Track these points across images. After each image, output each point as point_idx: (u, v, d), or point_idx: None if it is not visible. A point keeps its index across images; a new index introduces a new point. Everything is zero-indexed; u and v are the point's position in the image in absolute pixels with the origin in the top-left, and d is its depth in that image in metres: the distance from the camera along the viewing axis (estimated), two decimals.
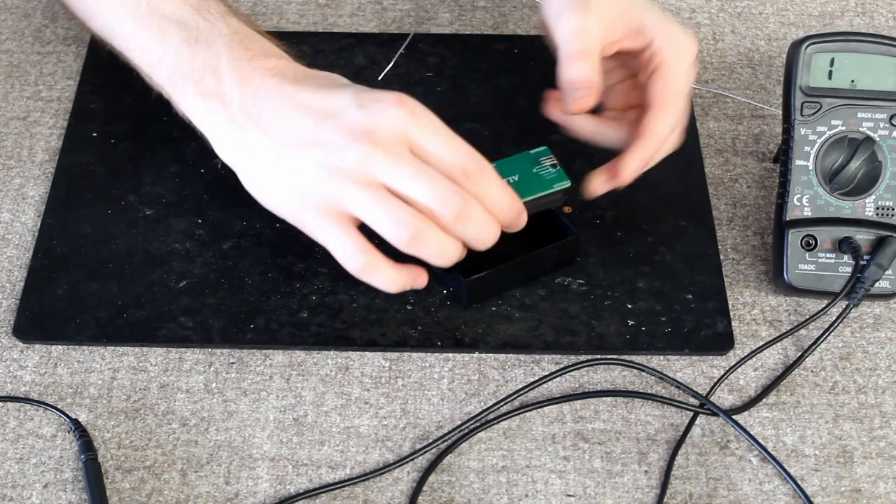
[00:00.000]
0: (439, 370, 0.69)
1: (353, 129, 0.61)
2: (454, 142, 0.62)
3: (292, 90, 0.64)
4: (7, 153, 0.79)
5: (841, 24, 0.88)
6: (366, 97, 0.62)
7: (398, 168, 0.61)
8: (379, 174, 0.61)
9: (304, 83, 0.65)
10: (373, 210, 0.61)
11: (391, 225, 0.61)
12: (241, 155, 0.66)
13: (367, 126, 0.61)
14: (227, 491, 0.63)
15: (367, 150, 0.61)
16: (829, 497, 0.64)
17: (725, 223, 0.76)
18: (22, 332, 0.69)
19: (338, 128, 0.62)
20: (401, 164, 0.61)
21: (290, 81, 0.65)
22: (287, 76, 0.65)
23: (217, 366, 0.68)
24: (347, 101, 0.62)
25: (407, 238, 0.61)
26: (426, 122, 0.62)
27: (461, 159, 0.62)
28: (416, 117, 0.61)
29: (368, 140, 0.61)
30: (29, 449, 0.65)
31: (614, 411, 0.67)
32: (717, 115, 0.82)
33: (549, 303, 0.70)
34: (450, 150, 0.62)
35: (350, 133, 0.61)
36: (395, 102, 0.61)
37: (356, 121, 0.61)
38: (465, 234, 0.63)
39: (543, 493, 0.64)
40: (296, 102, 0.64)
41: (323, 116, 0.63)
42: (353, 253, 0.63)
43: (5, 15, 0.88)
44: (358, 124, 0.61)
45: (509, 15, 0.88)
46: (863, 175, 0.70)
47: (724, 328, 0.70)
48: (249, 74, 0.65)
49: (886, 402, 0.68)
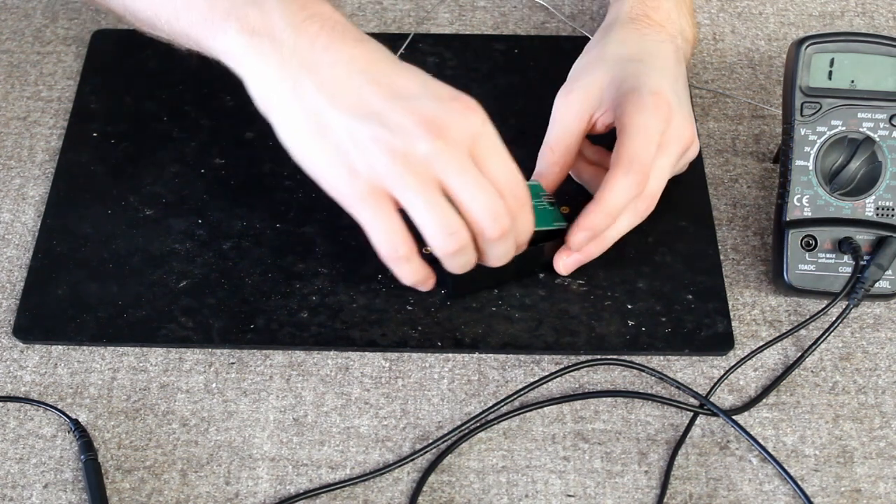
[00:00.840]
0: (439, 370, 0.69)
1: (427, 119, 0.58)
2: (512, 164, 0.61)
3: (358, 52, 0.60)
4: (7, 153, 0.79)
5: (841, 24, 0.88)
6: (441, 90, 0.60)
7: (463, 174, 0.59)
8: (443, 173, 0.59)
9: (368, 48, 0.61)
10: (427, 210, 0.59)
11: (441, 231, 0.60)
12: (284, 104, 0.61)
13: (443, 121, 0.58)
14: (227, 491, 0.63)
15: (439, 145, 0.58)
16: (829, 497, 0.64)
17: (725, 223, 0.76)
18: (22, 333, 0.69)
19: (409, 111, 0.59)
20: (467, 170, 0.59)
21: (353, 42, 0.60)
22: (348, 35, 0.61)
23: (217, 366, 0.69)
24: (421, 87, 0.60)
25: (452, 249, 0.61)
26: (494, 136, 0.60)
27: (515, 182, 0.61)
28: (487, 128, 0.60)
29: (441, 136, 0.58)
30: (29, 449, 0.65)
31: (614, 411, 0.67)
32: (717, 115, 0.82)
33: (549, 303, 0.70)
34: (508, 171, 0.61)
35: (423, 121, 0.58)
36: (472, 107, 0.60)
37: (431, 111, 0.59)
38: (494, 251, 0.63)
39: (543, 493, 0.64)
40: (361, 67, 0.60)
41: (392, 94, 0.59)
42: (395, 241, 0.61)
43: (5, 15, 0.88)
44: (433, 115, 0.58)
45: (509, 15, 0.88)
46: (863, 175, 0.70)
47: (725, 328, 0.70)
48: (305, 22, 0.60)
49: (886, 402, 0.68)
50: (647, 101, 0.68)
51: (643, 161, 0.67)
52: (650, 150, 0.67)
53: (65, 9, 0.88)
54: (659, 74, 0.70)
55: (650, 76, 0.70)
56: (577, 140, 0.71)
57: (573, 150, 0.71)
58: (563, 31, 0.87)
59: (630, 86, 0.69)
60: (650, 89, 0.68)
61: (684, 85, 0.73)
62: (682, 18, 0.76)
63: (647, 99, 0.68)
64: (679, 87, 0.72)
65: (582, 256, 0.70)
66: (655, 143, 0.67)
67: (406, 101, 0.59)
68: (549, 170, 0.71)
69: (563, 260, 0.70)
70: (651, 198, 0.69)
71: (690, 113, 0.71)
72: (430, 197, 0.59)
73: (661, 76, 0.70)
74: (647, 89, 0.68)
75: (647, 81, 0.69)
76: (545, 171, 0.71)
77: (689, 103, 0.72)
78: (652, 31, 0.74)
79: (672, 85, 0.70)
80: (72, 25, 0.87)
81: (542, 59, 0.84)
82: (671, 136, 0.68)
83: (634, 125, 0.67)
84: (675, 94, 0.70)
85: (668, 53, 0.73)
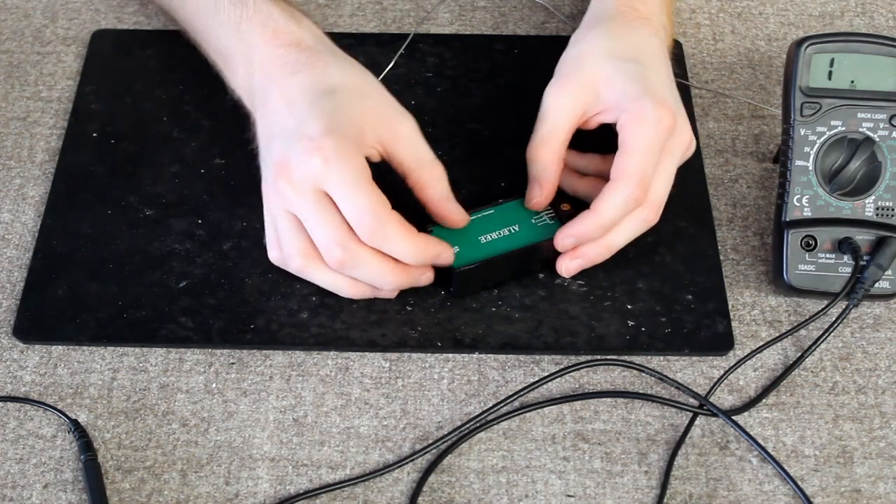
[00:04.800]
0: (439, 371, 0.69)
1: (276, 162, 0.66)
2: (357, 197, 0.64)
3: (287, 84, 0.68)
4: (7, 153, 0.79)
5: (841, 24, 0.88)
6: (305, 130, 0.65)
7: (302, 209, 0.66)
8: (288, 206, 0.66)
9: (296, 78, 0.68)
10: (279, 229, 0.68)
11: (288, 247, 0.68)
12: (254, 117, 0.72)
13: (287, 162, 0.65)
14: (227, 491, 0.63)
15: (281, 183, 0.65)
16: (829, 497, 0.64)
17: (725, 223, 0.76)
18: (22, 333, 0.69)
19: (276, 148, 0.67)
20: (302, 205, 0.65)
21: (288, 73, 0.68)
22: (287, 66, 0.69)
23: (217, 366, 0.69)
24: (292, 127, 0.66)
25: (295, 267, 0.68)
26: (336, 173, 0.64)
27: (358, 215, 0.64)
28: (327, 167, 0.64)
29: (283, 175, 0.65)
30: (29, 449, 0.65)
31: (614, 412, 0.67)
32: (717, 116, 0.82)
33: (549, 303, 0.70)
34: (351, 205, 0.64)
35: (274, 163, 0.66)
36: (312, 150, 0.64)
37: (280, 153, 0.66)
38: (357, 276, 0.68)
39: (543, 493, 0.64)
40: (285, 99, 0.68)
41: (281, 127, 0.67)
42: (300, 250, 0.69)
43: (5, 15, 0.88)
44: (280, 157, 0.66)
45: (509, 15, 0.88)
46: (862, 175, 0.70)
47: (724, 329, 0.70)
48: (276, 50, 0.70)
49: (886, 402, 0.68)
50: (649, 114, 0.67)
51: (644, 175, 0.67)
52: (651, 164, 0.67)
53: (65, 9, 0.88)
54: (657, 77, 0.70)
55: (650, 81, 0.69)
56: (568, 136, 0.70)
57: (564, 146, 0.70)
58: (563, 31, 0.87)
59: (631, 93, 0.68)
60: (653, 98, 0.68)
61: (674, 82, 0.72)
62: (663, 14, 0.75)
63: (649, 112, 0.67)
64: (674, 86, 0.71)
65: (584, 261, 0.70)
66: (657, 157, 0.68)
67: (278, 139, 0.67)
68: (546, 170, 0.70)
69: (565, 263, 0.70)
70: (657, 206, 0.69)
71: (685, 112, 0.71)
72: (283, 219, 0.67)
73: (660, 79, 0.70)
74: (649, 99, 0.68)
75: (648, 88, 0.68)
76: (541, 174, 0.70)
77: (681, 101, 0.72)
78: (640, 24, 0.73)
79: (670, 87, 0.70)
80: (71, 25, 0.87)
81: (542, 59, 0.83)
82: (674, 145, 0.69)
83: (637, 139, 0.67)
84: (674, 97, 0.70)
85: (659, 50, 0.72)
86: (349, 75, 0.69)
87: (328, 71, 0.69)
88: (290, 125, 0.66)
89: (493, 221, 0.70)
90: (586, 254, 0.69)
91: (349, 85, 0.68)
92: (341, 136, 0.65)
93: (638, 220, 0.69)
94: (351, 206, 0.64)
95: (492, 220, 0.70)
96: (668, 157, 0.68)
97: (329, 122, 0.65)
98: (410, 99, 0.69)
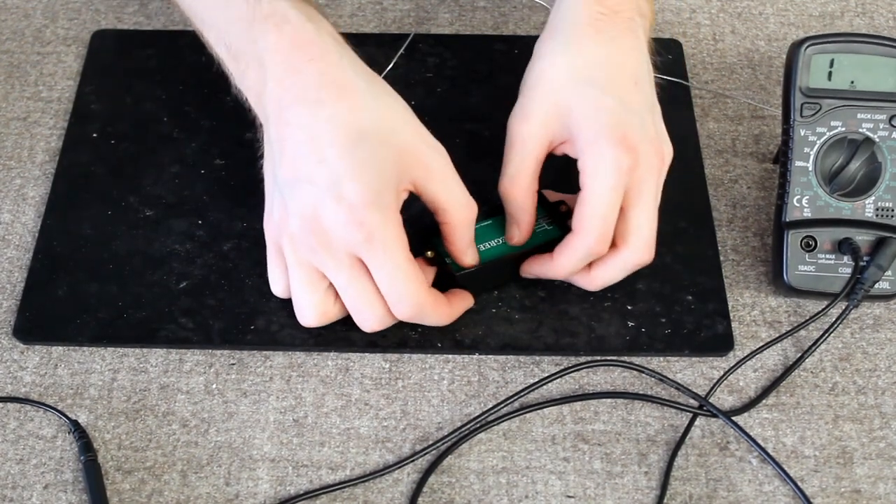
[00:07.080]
0: (439, 371, 0.69)
1: (307, 214, 0.62)
2: (397, 283, 0.63)
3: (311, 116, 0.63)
4: (7, 154, 0.79)
5: (841, 24, 0.88)
6: (343, 191, 0.61)
7: (331, 270, 0.64)
8: (315, 262, 0.64)
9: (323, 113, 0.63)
10: (294, 279, 0.66)
11: (303, 302, 0.66)
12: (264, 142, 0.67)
13: (320, 220, 0.62)
14: (227, 492, 0.63)
15: (312, 239, 0.62)
16: (829, 498, 0.64)
17: (725, 224, 0.76)
18: (22, 333, 0.69)
19: (306, 198, 0.62)
20: (335, 269, 0.63)
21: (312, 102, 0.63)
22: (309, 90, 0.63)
23: (217, 367, 0.69)
24: (324, 180, 0.62)
25: (307, 321, 0.67)
26: (380, 254, 0.62)
27: (397, 298, 0.64)
28: (370, 244, 0.62)
29: (317, 234, 0.62)
30: (29, 450, 0.65)
31: (614, 412, 0.67)
32: (717, 116, 0.82)
33: (549, 304, 0.70)
34: (391, 289, 0.63)
35: (306, 213, 0.62)
36: (354, 223, 0.61)
37: (311, 207, 0.62)
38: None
39: (543, 494, 0.64)
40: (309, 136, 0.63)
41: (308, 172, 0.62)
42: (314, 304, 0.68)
43: (5, 15, 0.88)
44: (312, 212, 0.62)
45: (509, 15, 0.88)
46: (862, 176, 0.70)
47: (724, 329, 0.70)
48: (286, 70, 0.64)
49: (886, 402, 0.68)
50: (606, 159, 0.64)
51: (604, 224, 0.64)
52: (612, 210, 0.64)
53: (65, 9, 0.88)
54: (618, 101, 0.65)
55: (610, 111, 0.65)
56: (538, 168, 0.68)
57: (535, 178, 0.68)
58: None
59: (588, 134, 0.65)
60: (608, 138, 0.64)
61: (648, 80, 0.68)
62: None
63: (606, 156, 0.64)
64: (645, 96, 0.67)
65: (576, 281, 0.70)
66: (618, 199, 0.64)
67: (305, 185, 0.62)
68: (521, 209, 0.68)
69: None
70: (645, 248, 0.66)
71: (656, 118, 0.67)
72: (304, 274, 0.65)
73: (621, 103, 0.65)
74: (604, 140, 0.64)
75: (606, 123, 0.64)
76: (517, 214, 0.68)
77: (654, 100, 0.68)
78: (607, 26, 0.68)
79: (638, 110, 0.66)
80: (72, 25, 0.87)
81: None
82: (642, 177, 0.65)
83: (593, 189, 0.64)
84: (639, 117, 0.66)
85: (630, 54, 0.68)
86: (378, 106, 0.64)
87: (357, 105, 0.63)
88: (322, 176, 0.61)
89: (492, 229, 0.70)
90: (575, 281, 0.69)
91: (380, 124, 0.63)
92: (383, 207, 0.61)
93: (627, 264, 0.67)
94: (390, 289, 0.63)
95: (491, 228, 0.70)
96: (642, 195, 0.65)
97: (367, 181, 0.61)
98: (410, 99, 0.69)
